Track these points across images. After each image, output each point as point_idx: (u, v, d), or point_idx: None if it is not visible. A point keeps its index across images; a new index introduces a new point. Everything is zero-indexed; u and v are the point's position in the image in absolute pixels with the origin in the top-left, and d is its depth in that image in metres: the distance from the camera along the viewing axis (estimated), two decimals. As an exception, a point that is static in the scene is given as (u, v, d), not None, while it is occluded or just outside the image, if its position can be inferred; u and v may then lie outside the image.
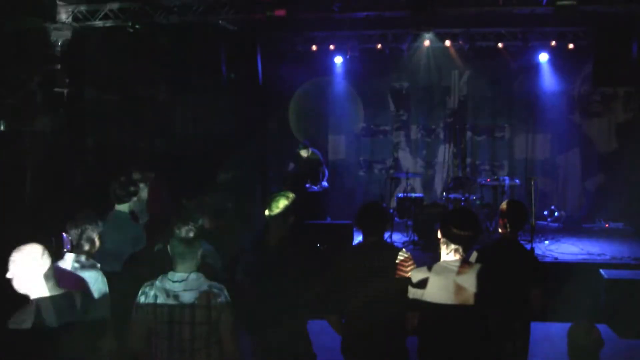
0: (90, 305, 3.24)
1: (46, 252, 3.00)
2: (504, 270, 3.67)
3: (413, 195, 10.06)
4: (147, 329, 3.35)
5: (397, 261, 3.75)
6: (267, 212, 4.01)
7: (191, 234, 3.37)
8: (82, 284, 3.63)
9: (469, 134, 11.47)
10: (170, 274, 3.36)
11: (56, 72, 7.20)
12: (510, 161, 11.35)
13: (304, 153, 10.04)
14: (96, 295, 3.74)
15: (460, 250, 3.37)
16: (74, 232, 3.83)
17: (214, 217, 5.26)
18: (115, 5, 7.46)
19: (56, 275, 3.06)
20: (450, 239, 3.37)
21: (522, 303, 4.00)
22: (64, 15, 7.42)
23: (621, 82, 8.72)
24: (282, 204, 3.99)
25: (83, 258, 3.84)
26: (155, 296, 3.31)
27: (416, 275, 3.46)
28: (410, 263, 3.76)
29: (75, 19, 7.50)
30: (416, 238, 9.20)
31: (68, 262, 3.84)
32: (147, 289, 3.35)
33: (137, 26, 7.26)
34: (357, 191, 11.76)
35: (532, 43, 9.46)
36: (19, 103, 6.72)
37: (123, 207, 4.92)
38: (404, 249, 3.88)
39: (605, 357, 3.33)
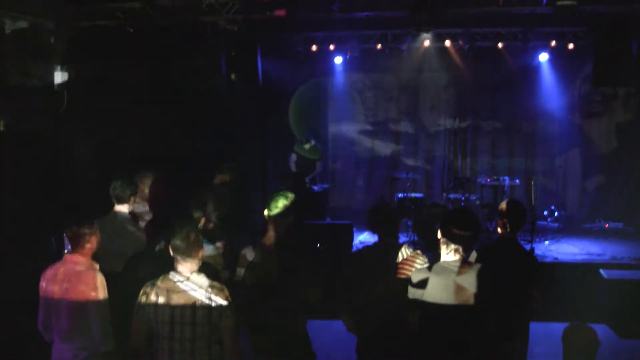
0: None
1: None
2: (504, 270, 3.68)
3: (413, 195, 10.06)
4: (148, 329, 3.35)
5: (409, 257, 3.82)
6: (266, 212, 4.02)
7: (192, 234, 3.37)
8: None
9: (469, 133, 11.48)
10: (172, 274, 3.36)
11: (56, 72, 7.19)
12: (510, 161, 11.35)
13: (306, 146, 10.05)
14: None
15: (460, 250, 3.37)
16: (70, 233, 3.83)
17: (214, 217, 5.27)
18: (115, 5, 7.46)
19: None
20: (451, 239, 3.37)
21: (522, 303, 4.00)
22: (64, 15, 7.42)
23: (621, 82, 8.69)
24: (281, 203, 4.00)
25: (81, 258, 3.84)
26: (157, 296, 3.32)
27: (416, 275, 3.47)
28: (419, 259, 3.82)
29: (75, 18, 7.50)
30: (416, 238, 9.20)
31: (66, 263, 3.84)
32: (148, 289, 3.36)
33: (137, 26, 7.26)
34: (357, 191, 11.77)
35: (532, 43, 9.45)
36: (19, 103, 6.72)
37: (123, 207, 4.92)
38: (419, 251, 3.96)
39: (605, 357, 3.34)
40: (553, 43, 9.53)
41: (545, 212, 10.68)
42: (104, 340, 3.77)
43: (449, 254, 3.39)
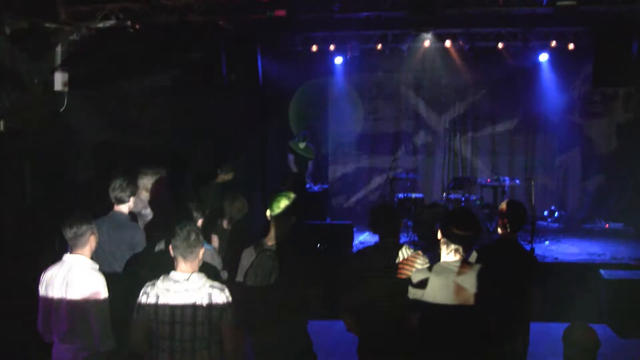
0: None
1: None
2: (504, 270, 3.68)
3: (413, 195, 10.06)
4: (149, 329, 3.36)
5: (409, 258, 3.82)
6: (268, 212, 4.02)
7: (192, 234, 3.37)
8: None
9: (469, 133, 11.49)
10: (172, 274, 3.36)
11: (56, 72, 7.20)
12: (510, 161, 11.35)
13: (301, 145, 10.06)
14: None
15: (461, 250, 3.37)
16: (69, 233, 3.83)
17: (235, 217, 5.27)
18: (115, 6, 7.46)
19: None
20: (451, 239, 3.38)
21: (522, 303, 4.00)
22: (63, 15, 7.42)
23: (621, 82, 8.71)
24: (283, 204, 3.99)
25: (81, 259, 3.84)
26: (157, 296, 3.32)
27: (416, 275, 3.47)
28: (420, 259, 3.82)
29: (75, 19, 7.50)
30: (416, 238, 9.20)
31: (66, 263, 3.84)
32: (148, 289, 3.36)
33: (137, 26, 7.27)
34: (357, 191, 11.77)
35: (532, 43, 9.45)
36: (18, 103, 6.72)
37: (122, 208, 4.91)
38: (420, 251, 3.95)
39: (605, 357, 3.34)
40: (553, 43, 9.53)
41: (546, 212, 10.69)
42: (103, 341, 3.77)
43: (449, 254, 3.39)
